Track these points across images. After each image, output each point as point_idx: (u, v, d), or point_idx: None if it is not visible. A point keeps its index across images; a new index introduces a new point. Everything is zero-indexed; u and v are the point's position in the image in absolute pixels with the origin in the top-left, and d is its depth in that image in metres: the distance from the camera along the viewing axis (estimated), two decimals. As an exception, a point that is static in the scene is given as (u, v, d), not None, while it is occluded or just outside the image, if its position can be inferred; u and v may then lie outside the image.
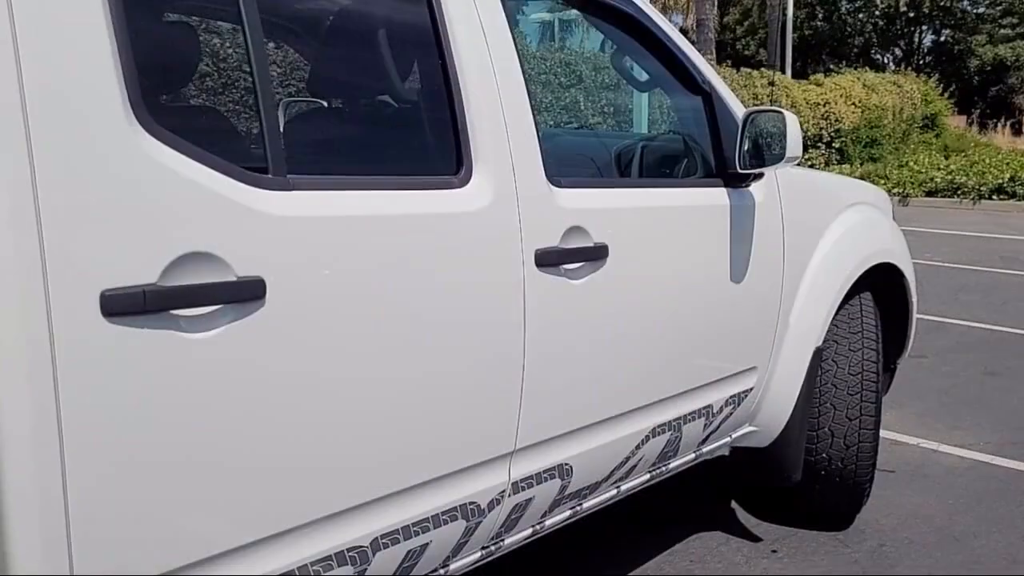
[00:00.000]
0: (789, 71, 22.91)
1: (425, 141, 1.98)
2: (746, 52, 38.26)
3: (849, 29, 41.96)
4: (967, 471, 4.00)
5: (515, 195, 1.95)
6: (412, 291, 1.75)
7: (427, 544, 1.89)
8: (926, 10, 39.36)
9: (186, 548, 1.43)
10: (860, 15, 41.69)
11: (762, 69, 20.84)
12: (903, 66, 36.74)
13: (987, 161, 17.42)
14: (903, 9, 37.04)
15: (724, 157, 2.65)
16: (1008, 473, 3.98)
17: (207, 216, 1.43)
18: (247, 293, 1.46)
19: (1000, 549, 3.24)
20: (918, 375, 5.18)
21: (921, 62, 39.94)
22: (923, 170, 16.98)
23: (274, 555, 1.58)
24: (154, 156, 1.37)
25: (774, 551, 3.22)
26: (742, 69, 20.08)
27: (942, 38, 41.99)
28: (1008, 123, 29.81)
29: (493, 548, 2.14)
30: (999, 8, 38.97)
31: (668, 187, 2.59)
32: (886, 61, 41.90)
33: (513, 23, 2.06)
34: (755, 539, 3.30)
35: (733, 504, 3.58)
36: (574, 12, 4.96)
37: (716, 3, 19.62)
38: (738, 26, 40.83)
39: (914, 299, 3.63)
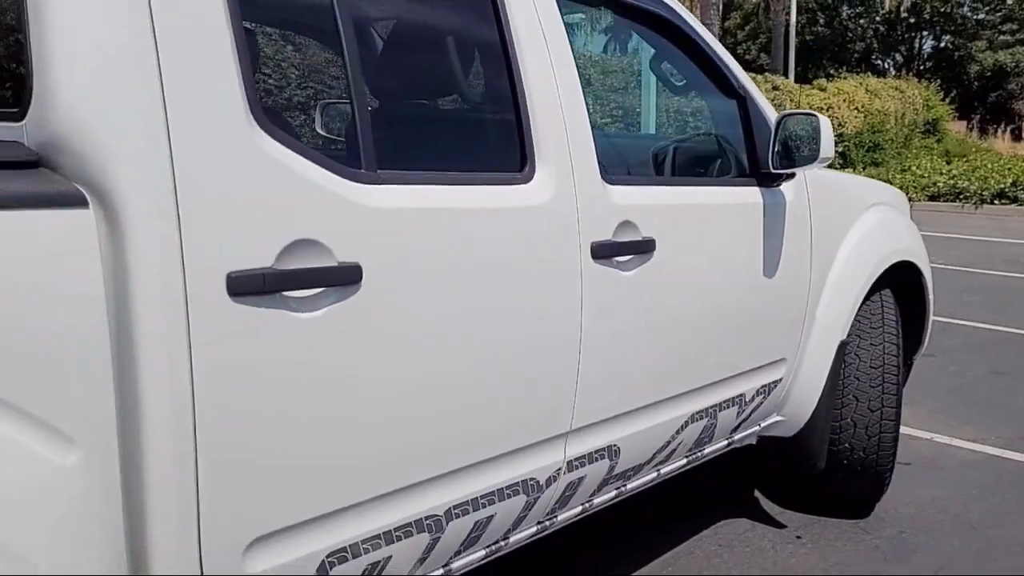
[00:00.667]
0: (792, 76, 23.08)
1: (494, 141, 2.11)
2: (747, 56, 38.43)
3: (850, 34, 42.16)
4: (979, 464, 4.14)
5: (573, 191, 2.08)
6: (483, 277, 1.88)
7: (492, 516, 2.02)
8: (927, 16, 39.56)
9: (299, 506, 1.57)
10: (861, 20, 41.89)
11: (766, 74, 21.00)
12: (904, 71, 36.92)
13: (989, 166, 17.59)
14: (904, 15, 37.21)
15: (757, 158, 2.79)
16: (1019, 466, 4.11)
17: (312, 207, 1.57)
18: (346, 277, 1.60)
19: (1015, 537, 3.37)
20: (928, 373, 5.30)
21: (922, 67, 40.13)
22: (925, 175, 17.15)
23: (361, 520, 1.71)
24: (268, 152, 1.51)
25: (798, 537, 3.35)
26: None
27: (942, 44, 42.16)
28: (1008, 128, 29.99)
29: (547, 523, 2.28)
30: (999, 14, 39.18)
31: (706, 185, 2.73)
32: (887, 66, 42.10)
33: (570, 34, 2.19)
34: (780, 526, 3.44)
35: (757, 493, 3.72)
36: (578, 16, 5.08)
37: (721, 9, 19.76)
38: (739, 31, 40.99)
39: (931, 297, 3.77)
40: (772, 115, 2.82)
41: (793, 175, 2.84)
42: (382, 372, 1.69)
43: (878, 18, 40.69)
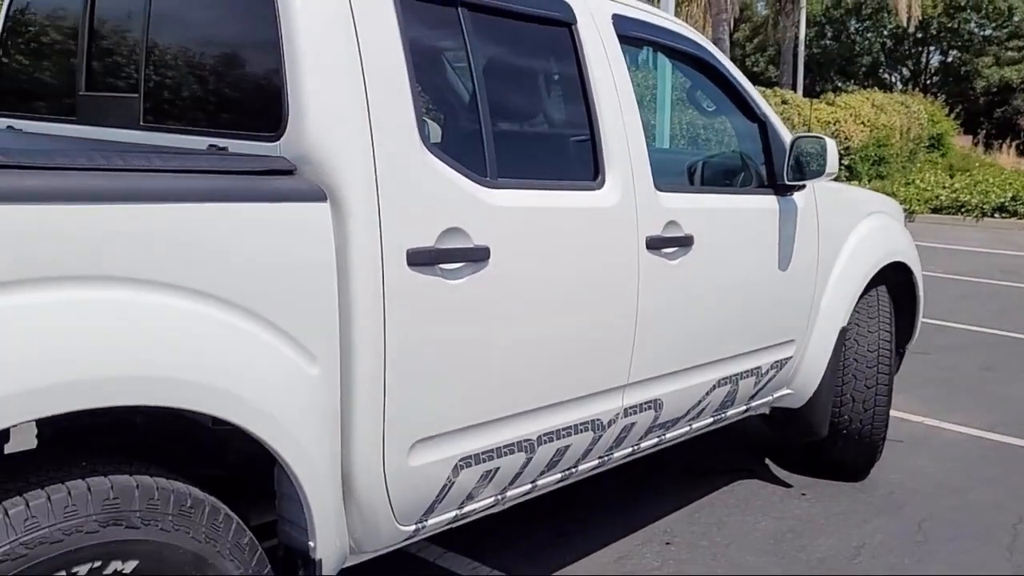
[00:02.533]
0: (800, 90, 23.66)
1: (576, 156, 2.70)
2: (755, 69, 38.98)
3: (858, 48, 42.70)
4: (963, 443, 4.72)
5: (633, 196, 2.68)
6: (570, 259, 2.48)
7: (568, 446, 2.62)
8: (934, 31, 40.03)
9: (457, 418, 2.18)
10: (869, 35, 42.39)
11: (775, 88, 21.59)
12: (910, 86, 37.44)
13: (990, 180, 18.16)
14: (911, 30, 37.76)
15: (774, 171, 3.39)
16: (998, 445, 4.69)
17: (457, 204, 2.17)
18: (480, 255, 2.20)
19: (987, 499, 3.95)
20: (923, 368, 5.89)
21: (928, 82, 40.62)
22: (929, 188, 17.72)
23: (482, 437, 2.31)
24: (431, 166, 2.11)
25: (803, 494, 3.94)
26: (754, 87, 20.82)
27: (949, 59, 42.64)
28: (1013, 144, 30.50)
29: (605, 459, 2.87)
30: (1005, 31, 39.65)
31: (733, 193, 3.33)
32: (894, 80, 42.61)
33: (629, 67, 2.80)
34: (787, 485, 4.03)
35: (767, 460, 4.31)
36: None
37: (731, 23, 20.37)
38: (748, 43, 41.51)
39: (921, 293, 4.37)
40: (787, 136, 3.42)
41: (804, 186, 3.44)
42: (502, 326, 2.29)
43: (885, 32, 41.19)
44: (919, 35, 40.28)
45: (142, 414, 1.88)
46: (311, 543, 1.95)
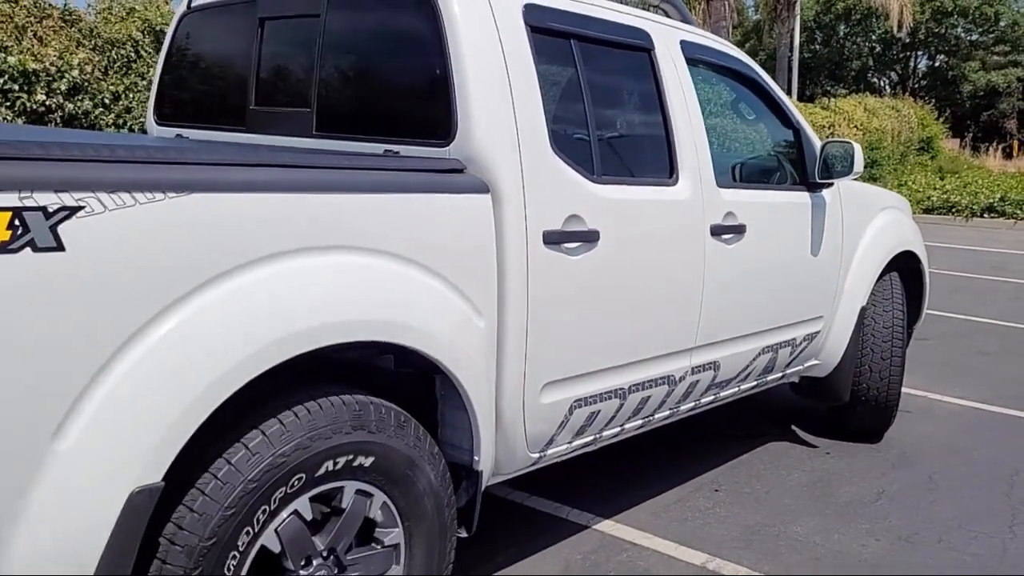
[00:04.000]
0: (795, 94, 24.30)
1: (656, 158, 3.25)
2: (748, 74, 39.54)
3: (847, 53, 43.47)
4: (964, 413, 5.31)
5: (700, 191, 3.25)
6: (654, 241, 3.04)
7: (649, 396, 3.18)
8: (922, 36, 40.75)
9: (574, 366, 2.74)
10: (858, 40, 43.19)
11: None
12: (899, 89, 38.15)
13: (979, 182, 18.87)
14: (900, 35, 38.48)
15: (806, 171, 3.96)
16: (995, 415, 5.28)
17: (576, 195, 2.72)
18: (592, 237, 2.75)
19: (988, 457, 4.53)
20: (924, 352, 6.48)
21: (916, 86, 41.35)
22: (920, 189, 18.38)
23: (590, 384, 2.87)
24: (557, 166, 2.67)
25: (827, 453, 4.51)
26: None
27: (936, 63, 43.41)
28: (999, 147, 31.27)
29: (674, 411, 3.43)
30: (991, 36, 40.44)
31: (773, 189, 3.90)
32: (882, 84, 43.35)
33: (695, 83, 3.36)
34: (812, 446, 4.60)
35: (794, 426, 4.88)
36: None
37: (730, 30, 20.98)
38: (739, 47, 42.13)
39: (927, 279, 4.95)
40: (816, 141, 3.99)
41: (832, 184, 4.01)
42: (607, 295, 2.85)
43: (874, 37, 41.91)
44: (907, 40, 40.99)
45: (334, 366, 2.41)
46: (476, 458, 2.51)
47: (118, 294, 1.70)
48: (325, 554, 2.17)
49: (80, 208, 1.64)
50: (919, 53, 43.40)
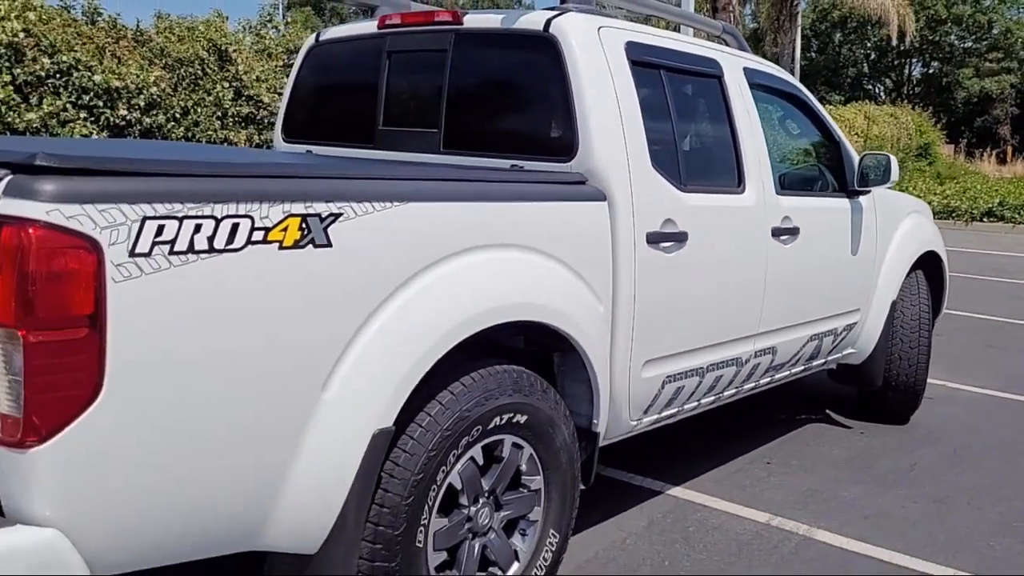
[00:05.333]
0: (796, 102, 24.81)
1: (726, 169, 3.75)
2: (746, 81, 40.04)
3: (842, 60, 44.14)
4: (981, 399, 5.82)
5: (763, 198, 3.75)
6: (731, 240, 3.55)
7: (721, 376, 3.68)
8: (915, 43, 41.46)
9: (667, 347, 3.25)
10: (853, 47, 43.83)
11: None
12: (894, 96, 38.74)
13: (978, 188, 19.44)
14: (895, 43, 39.11)
15: (846, 180, 4.48)
16: (1009, 401, 5.79)
17: (669, 202, 3.23)
18: (683, 238, 3.26)
19: (1005, 436, 5.04)
20: (938, 346, 6.92)
21: (911, 92, 41.96)
22: (920, 195, 18.88)
23: (677, 363, 3.36)
24: (654, 177, 3.17)
25: (862, 433, 5.02)
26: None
27: (931, 70, 44.00)
28: (994, 152, 31.86)
29: (738, 390, 3.93)
30: (984, 43, 41.05)
31: (819, 196, 4.41)
32: (878, 91, 43.92)
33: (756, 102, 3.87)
34: (847, 427, 5.10)
35: (828, 411, 5.39)
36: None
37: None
38: (737, 56, 42.59)
39: (947, 278, 5.47)
40: (854, 153, 4.50)
41: (868, 191, 4.53)
42: (693, 289, 3.35)
43: (869, 45, 42.52)
44: (901, 47, 41.60)
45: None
46: (595, 421, 3.00)
47: (364, 279, 2.20)
48: (487, 495, 2.66)
49: (341, 214, 2.13)
50: (914, 60, 43.99)
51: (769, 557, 3.45)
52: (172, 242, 1.83)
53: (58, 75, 6.46)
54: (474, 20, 3.34)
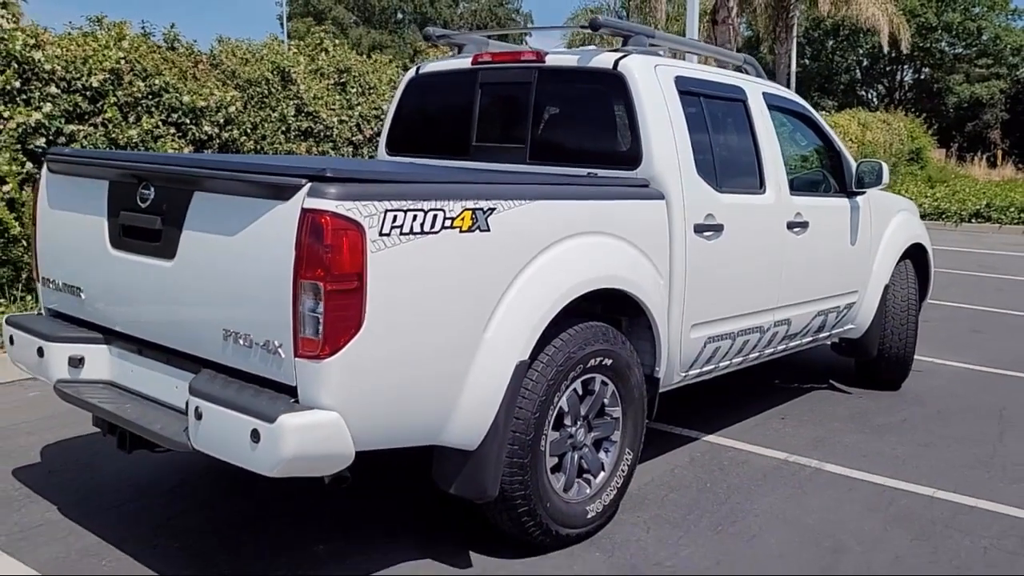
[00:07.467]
0: (792, 110, 25.71)
1: (750, 174, 4.65)
2: (743, 88, 40.84)
3: (835, 67, 45.08)
4: (963, 372, 6.73)
5: (780, 197, 4.66)
6: (755, 233, 4.45)
7: (748, 340, 4.58)
8: (907, 50, 42.34)
9: (709, 313, 4.15)
10: (846, 54, 44.74)
11: (771, 109, 23.69)
12: (886, 102, 39.64)
13: (967, 190, 20.42)
14: (887, 50, 40.04)
15: (845, 183, 5.39)
16: (987, 374, 6.71)
17: (710, 201, 4.13)
18: (720, 228, 4.16)
19: (982, 400, 5.95)
20: (926, 331, 7.88)
21: (903, 98, 42.85)
22: (912, 198, 19.84)
23: (716, 327, 4.26)
24: (698, 181, 4.07)
25: (860, 397, 5.92)
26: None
27: (922, 76, 44.87)
28: (984, 156, 32.80)
29: (760, 354, 4.83)
30: (975, 49, 41.90)
31: (823, 196, 5.32)
32: (870, 97, 44.83)
33: (773, 120, 4.78)
34: (847, 392, 6.01)
35: (830, 380, 6.29)
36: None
37: (735, 49, 22.48)
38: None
39: (932, 266, 6.39)
40: (852, 161, 5.42)
41: (864, 192, 5.45)
42: (728, 268, 4.25)
43: (862, 52, 43.42)
44: (893, 54, 42.45)
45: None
46: (657, 369, 3.90)
47: (510, 254, 3.10)
48: (583, 419, 3.55)
49: (495, 208, 3.03)
50: (905, 66, 44.87)
51: (788, 481, 4.35)
52: (401, 226, 2.73)
53: (150, 96, 7.35)
54: (554, 59, 4.24)
